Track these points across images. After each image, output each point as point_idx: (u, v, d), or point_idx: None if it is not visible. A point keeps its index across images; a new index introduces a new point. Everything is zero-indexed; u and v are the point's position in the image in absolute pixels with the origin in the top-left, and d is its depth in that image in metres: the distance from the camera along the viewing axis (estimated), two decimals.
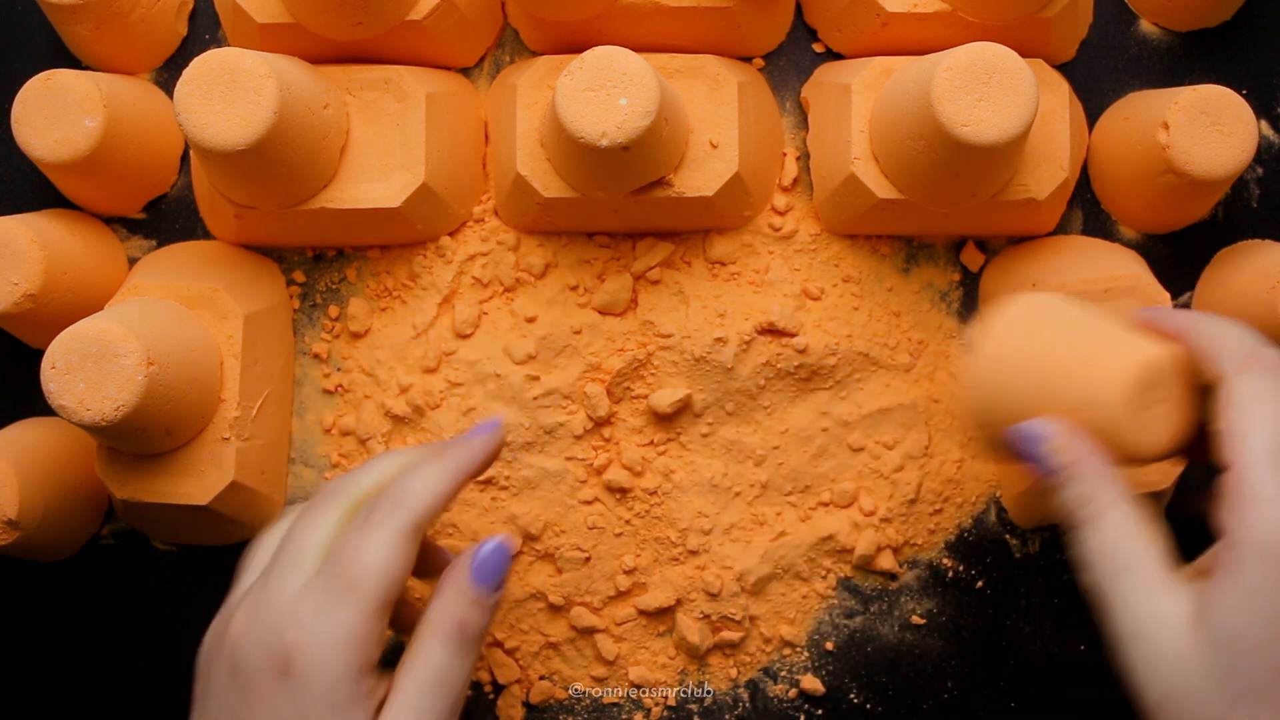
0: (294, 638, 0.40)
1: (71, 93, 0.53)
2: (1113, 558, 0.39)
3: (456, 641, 0.42)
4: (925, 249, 0.59)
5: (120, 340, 0.48)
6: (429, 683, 0.41)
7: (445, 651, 0.42)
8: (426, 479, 0.44)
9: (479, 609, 0.43)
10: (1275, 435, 0.38)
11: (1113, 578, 0.39)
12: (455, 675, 0.42)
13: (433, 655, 0.41)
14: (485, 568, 0.43)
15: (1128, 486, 0.41)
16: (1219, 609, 0.37)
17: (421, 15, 0.54)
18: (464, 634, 0.42)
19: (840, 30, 0.58)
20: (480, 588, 0.43)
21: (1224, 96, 0.52)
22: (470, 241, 0.58)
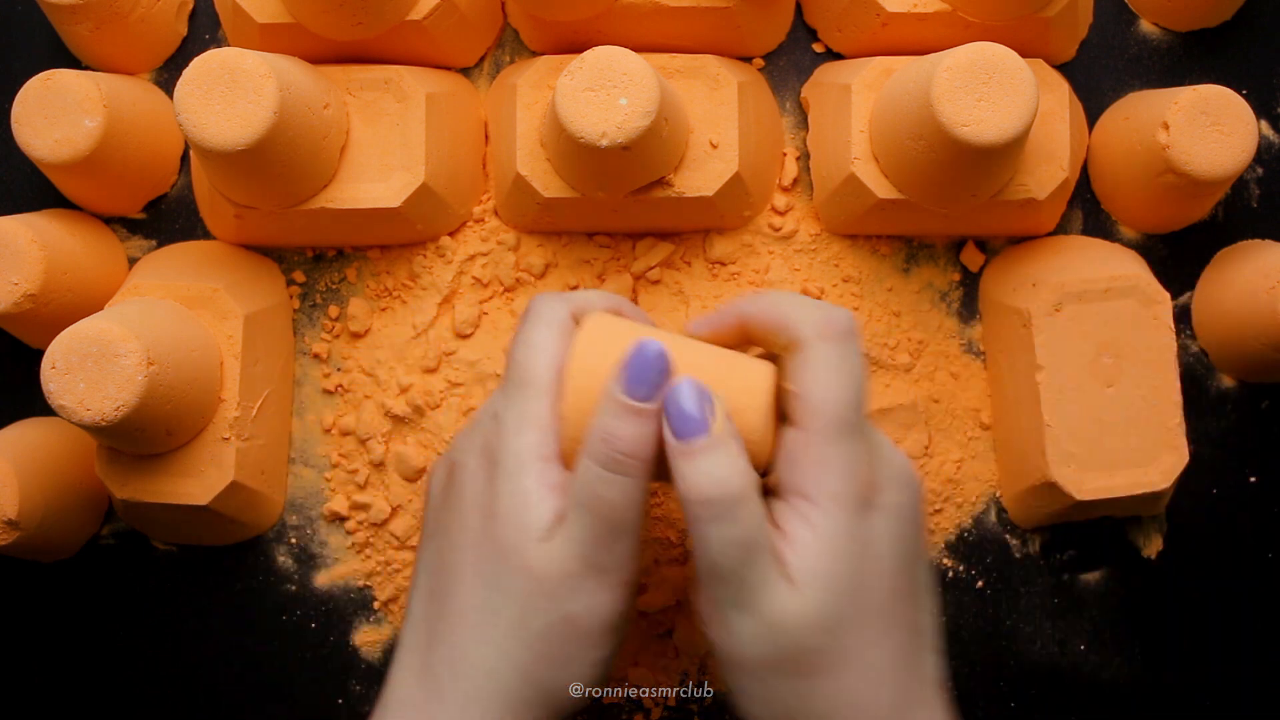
0: (489, 430, 0.43)
1: (71, 93, 0.53)
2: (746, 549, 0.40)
3: (604, 457, 0.40)
4: (925, 249, 0.59)
5: (120, 340, 0.48)
6: (581, 503, 0.41)
7: (594, 469, 0.41)
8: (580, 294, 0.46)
9: (630, 418, 0.41)
10: (845, 401, 0.41)
11: (742, 568, 0.40)
12: (608, 495, 0.40)
13: (585, 475, 0.41)
14: (633, 371, 0.41)
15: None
16: (808, 559, 0.40)
17: (421, 15, 0.54)
18: (611, 446, 0.40)
19: (840, 30, 0.58)
20: (628, 393, 0.41)
21: (1224, 96, 0.52)
22: (470, 241, 0.58)
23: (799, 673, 0.41)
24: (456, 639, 0.43)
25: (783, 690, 0.41)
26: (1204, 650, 0.59)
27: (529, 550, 0.41)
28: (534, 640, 0.42)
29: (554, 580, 0.41)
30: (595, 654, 0.42)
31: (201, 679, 0.59)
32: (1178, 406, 0.54)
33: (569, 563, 0.41)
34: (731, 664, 0.42)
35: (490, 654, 0.42)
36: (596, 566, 0.41)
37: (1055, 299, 0.54)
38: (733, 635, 0.41)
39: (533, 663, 0.42)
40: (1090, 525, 0.58)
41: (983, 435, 0.59)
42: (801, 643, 0.41)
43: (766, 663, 0.41)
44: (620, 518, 0.41)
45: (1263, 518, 0.59)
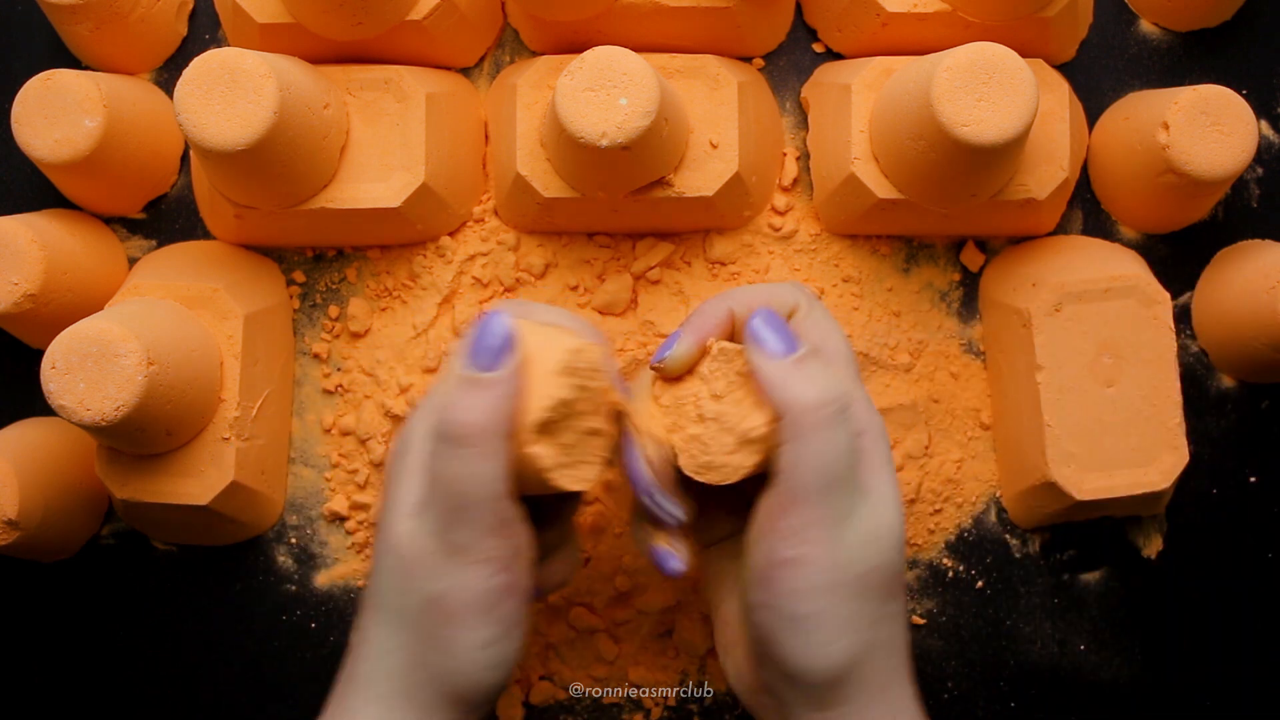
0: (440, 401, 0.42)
1: (71, 93, 0.53)
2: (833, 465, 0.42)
3: (443, 431, 0.40)
4: (925, 249, 0.59)
5: (120, 340, 0.48)
6: (431, 480, 0.41)
7: (436, 444, 0.40)
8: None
9: (471, 390, 0.40)
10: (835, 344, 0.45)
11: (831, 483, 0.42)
12: (450, 470, 0.40)
13: (432, 450, 0.41)
14: (477, 342, 0.41)
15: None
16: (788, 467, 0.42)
17: (421, 15, 0.54)
18: (450, 419, 0.40)
19: (840, 30, 0.58)
20: (472, 363, 0.41)
21: (1224, 96, 0.52)
22: (470, 241, 0.58)
23: (888, 591, 0.42)
24: (361, 620, 0.43)
25: (871, 610, 0.42)
26: (1204, 650, 0.59)
27: (397, 527, 0.42)
28: (411, 622, 0.41)
29: (413, 559, 0.41)
30: (473, 636, 0.41)
31: (201, 679, 0.59)
32: (1178, 406, 0.54)
33: (426, 540, 0.41)
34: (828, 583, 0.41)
35: (383, 634, 0.42)
36: (451, 545, 0.40)
37: (1055, 299, 0.54)
38: (840, 548, 0.41)
39: (415, 644, 0.41)
40: (1090, 525, 0.58)
41: (983, 435, 0.59)
42: (893, 557, 0.42)
43: (866, 575, 0.42)
44: (465, 493, 0.40)
45: (1263, 518, 0.59)
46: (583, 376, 0.43)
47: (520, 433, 0.42)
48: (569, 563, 0.48)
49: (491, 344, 0.41)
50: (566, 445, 0.43)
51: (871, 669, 0.42)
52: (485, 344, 0.41)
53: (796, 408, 0.41)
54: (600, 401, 0.44)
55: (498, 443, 0.40)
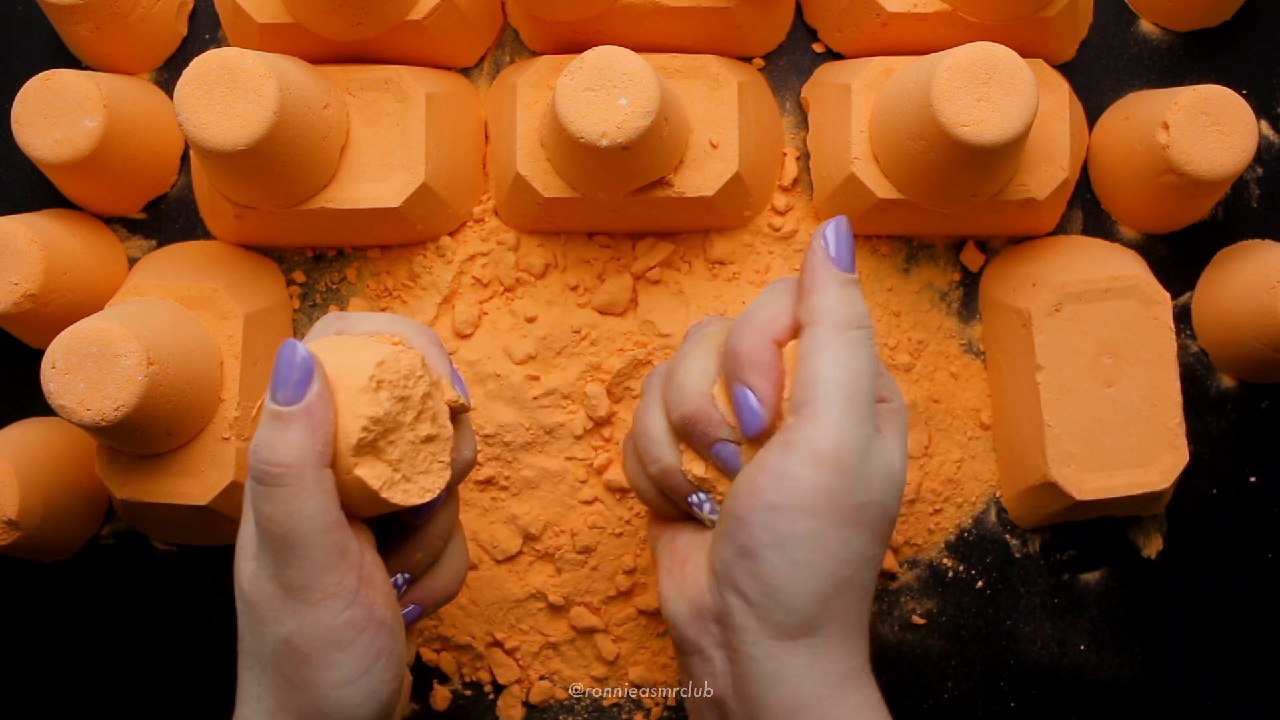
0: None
1: (71, 93, 0.53)
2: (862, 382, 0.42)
3: (256, 470, 0.39)
4: (925, 249, 0.59)
5: (120, 340, 0.48)
6: (253, 519, 0.39)
7: (250, 485, 0.39)
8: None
9: (278, 425, 0.38)
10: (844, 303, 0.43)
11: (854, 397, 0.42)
12: (267, 509, 0.38)
13: (248, 488, 0.40)
14: (277, 374, 0.39)
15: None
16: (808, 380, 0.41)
17: (421, 15, 0.54)
18: (259, 458, 0.38)
19: (840, 30, 0.58)
20: (274, 398, 0.39)
21: (1224, 96, 0.52)
22: (470, 241, 0.58)
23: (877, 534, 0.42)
24: (238, 669, 0.42)
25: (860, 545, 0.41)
26: (1204, 650, 0.59)
27: (241, 571, 0.40)
28: (269, 666, 0.40)
29: (257, 602, 0.40)
30: (333, 674, 0.39)
31: (201, 679, 0.59)
32: (1178, 406, 0.54)
33: (265, 583, 0.39)
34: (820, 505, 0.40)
35: (249, 678, 0.41)
36: (289, 586, 0.39)
37: (1055, 299, 0.54)
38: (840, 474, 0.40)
39: (279, 687, 0.40)
40: (1090, 525, 0.58)
41: (983, 435, 0.59)
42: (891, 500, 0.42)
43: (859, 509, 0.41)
44: (290, 532, 0.38)
45: (1263, 518, 0.59)
46: (397, 387, 0.41)
47: (340, 458, 0.40)
48: (455, 570, 0.47)
49: (289, 375, 0.39)
50: (396, 460, 0.41)
51: (844, 607, 0.41)
52: (283, 376, 0.39)
53: (830, 319, 0.42)
54: (428, 406, 0.42)
55: (315, 475, 0.38)
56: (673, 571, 0.45)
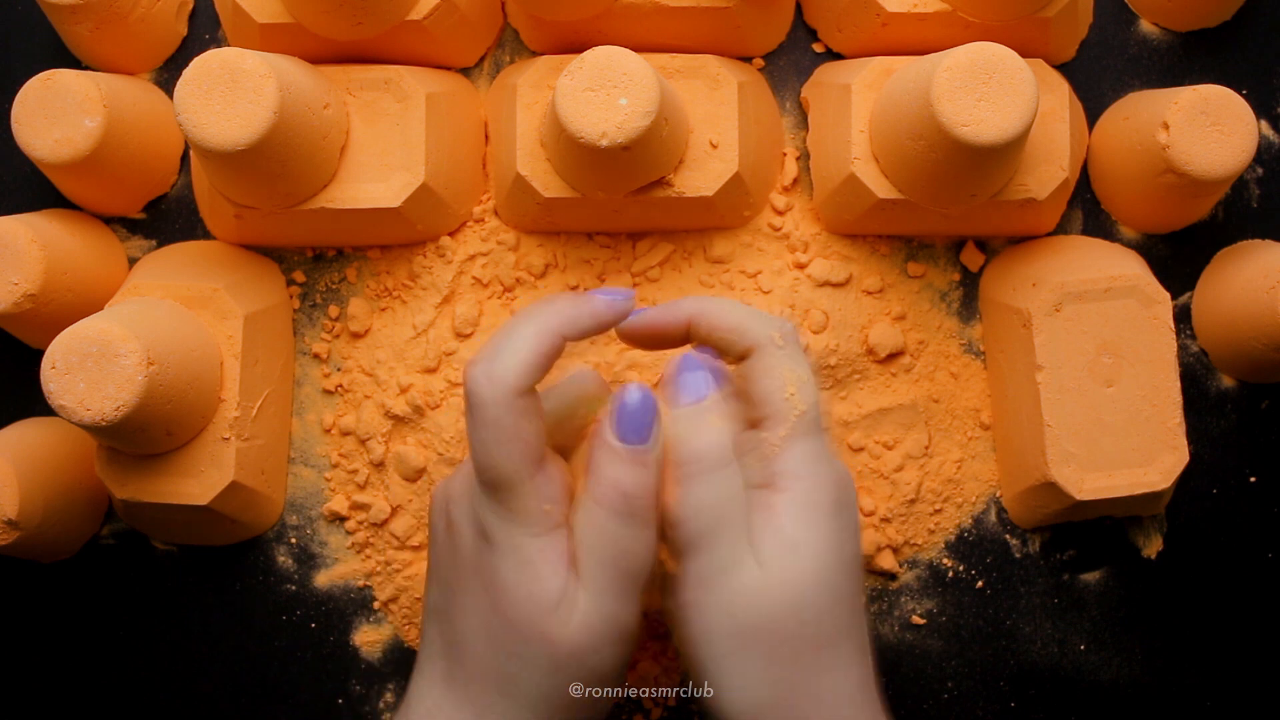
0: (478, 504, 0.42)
1: (71, 93, 0.53)
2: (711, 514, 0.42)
3: (621, 508, 0.41)
4: (925, 249, 0.59)
5: (120, 340, 0.48)
6: (601, 559, 0.41)
7: (615, 521, 0.41)
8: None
9: (635, 467, 0.41)
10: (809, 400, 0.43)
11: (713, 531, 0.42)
12: (631, 544, 0.41)
13: (605, 528, 0.41)
14: (628, 421, 0.41)
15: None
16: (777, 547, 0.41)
17: (421, 15, 0.54)
18: (627, 498, 0.41)
19: (840, 30, 0.58)
20: (629, 443, 0.41)
21: (1224, 96, 0.52)
22: (470, 241, 0.58)
23: (794, 650, 0.41)
24: (477, 690, 0.43)
25: (772, 668, 0.41)
26: (1204, 650, 0.59)
27: (545, 624, 0.41)
28: (561, 701, 0.42)
29: (579, 647, 0.41)
30: (609, 685, 0.43)
31: (201, 679, 0.59)
32: (1178, 406, 0.54)
33: (594, 626, 0.41)
34: (721, 634, 0.41)
35: (513, 708, 0.42)
36: (618, 623, 0.42)
37: (1055, 299, 0.54)
38: (725, 599, 0.41)
39: (560, 710, 0.42)
40: (1090, 525, 0.58)
41: (983, 435, 0.59)
42: (791, 615, 0.41)
43: (758, 631, 0.41)
44: (640, 567, 0.41)
45: (1263, 518, 0.59)
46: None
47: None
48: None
49: (642, 420, 0.42)
50: None
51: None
52: (637, 420, 0.42)
53: (678, 456, 0.42)
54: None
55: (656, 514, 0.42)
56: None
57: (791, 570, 0.41)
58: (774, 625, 0.41)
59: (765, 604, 0.41)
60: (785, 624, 0.41)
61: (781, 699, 0.41)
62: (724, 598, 0.41)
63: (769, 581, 0.41)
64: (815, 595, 0.41)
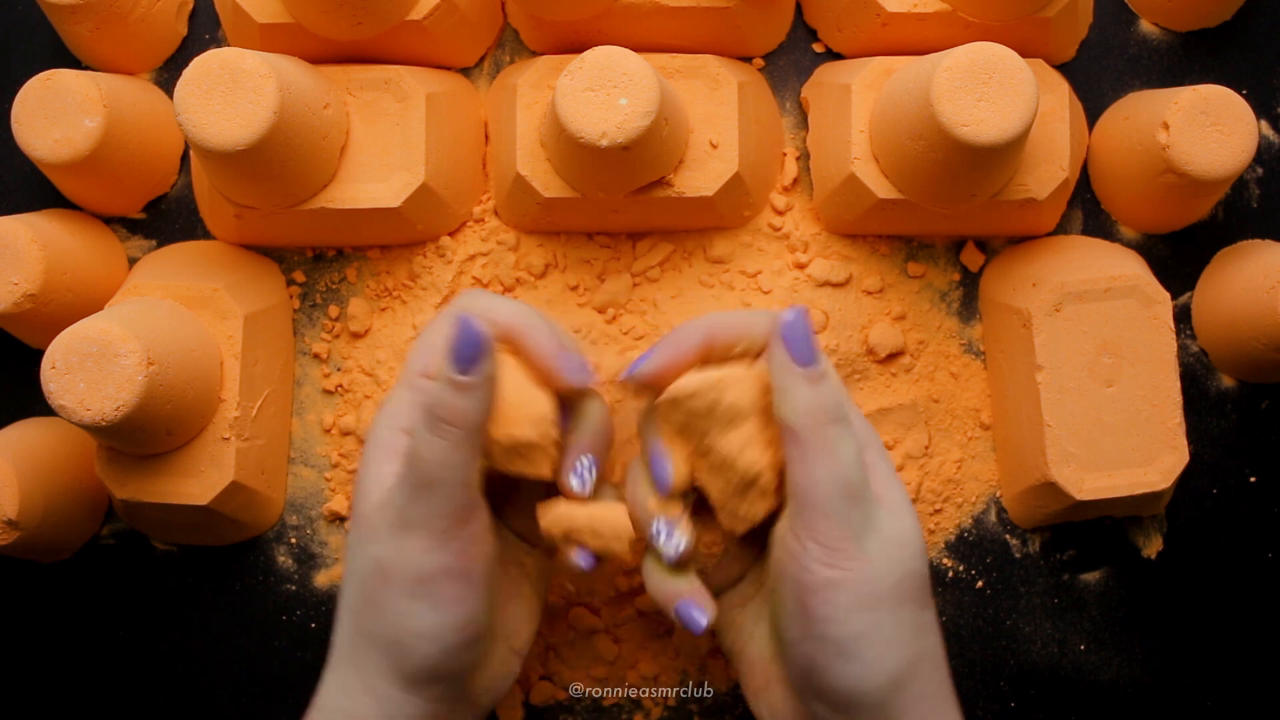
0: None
1: (71, 93, 0.53)
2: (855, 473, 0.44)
3: (428, 422, 0.43)
4: (925, 249, 0.59)
5: (120, 340, 0.48)
6: (406, 460, 0.44)
7: (419, 432, 0.43)
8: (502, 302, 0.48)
9: (453, 390, 0.43)
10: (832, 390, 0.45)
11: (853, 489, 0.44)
12: (425, 454, 0.43)
13: (413, 437, 0.44)
14: (458, 348, 0.43)
15: None
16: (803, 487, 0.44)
17: (421, 15, 0.54)
18: (435, 414, 0.43)
19: (840, 30, 0.58)
20: (454, 368, 0.43)
21: (1224, 96, 0.52)
22: (470, 241, 0.58)
23: (922, 600, 0.44)
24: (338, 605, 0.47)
25: (910, 619, 0.43)
26: (1204, 650, 0.59)
27: (367, 499, 0.45)
28: (358, 585, 0.45)
29: (373, 525, 0.44)
30: (412, 605, 0.44)
31: (201, 679, 0.59)
32: (1178, 406, 0.54)
33: (387, 510, 0.44)
34: (866, 598, 0.43)
35: (341, 607, 0.46)
36: (405, 518, 0.43)
37: (1055, 299, 0.54)
38: (870, 561, 0.43)
39: (360, 608, 0.44)
40: (1090, 525, 0.58)
41: (983, 435, 0.59)
42: (919, 563, 0.44)
43: (899, 585, 0.43)
44: (432, 475, 0.43)
45: (1263, 518, 0.59)
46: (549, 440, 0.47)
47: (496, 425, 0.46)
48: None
49: (469, 353, 0.43)
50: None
51: (920, 682, 0.43)
52: (461, 351, 0.43)
53: (806, 424, 0.43)
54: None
55: (471, 439, 0.43)
56: (762, 695, 0.48)
57: (911, 517, 0.45)
58: (920, 568, 0.44)
59: (915, 547, 0.44)
60: (919, 572, 0.44)
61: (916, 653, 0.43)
62: (880, 544, 0.43)
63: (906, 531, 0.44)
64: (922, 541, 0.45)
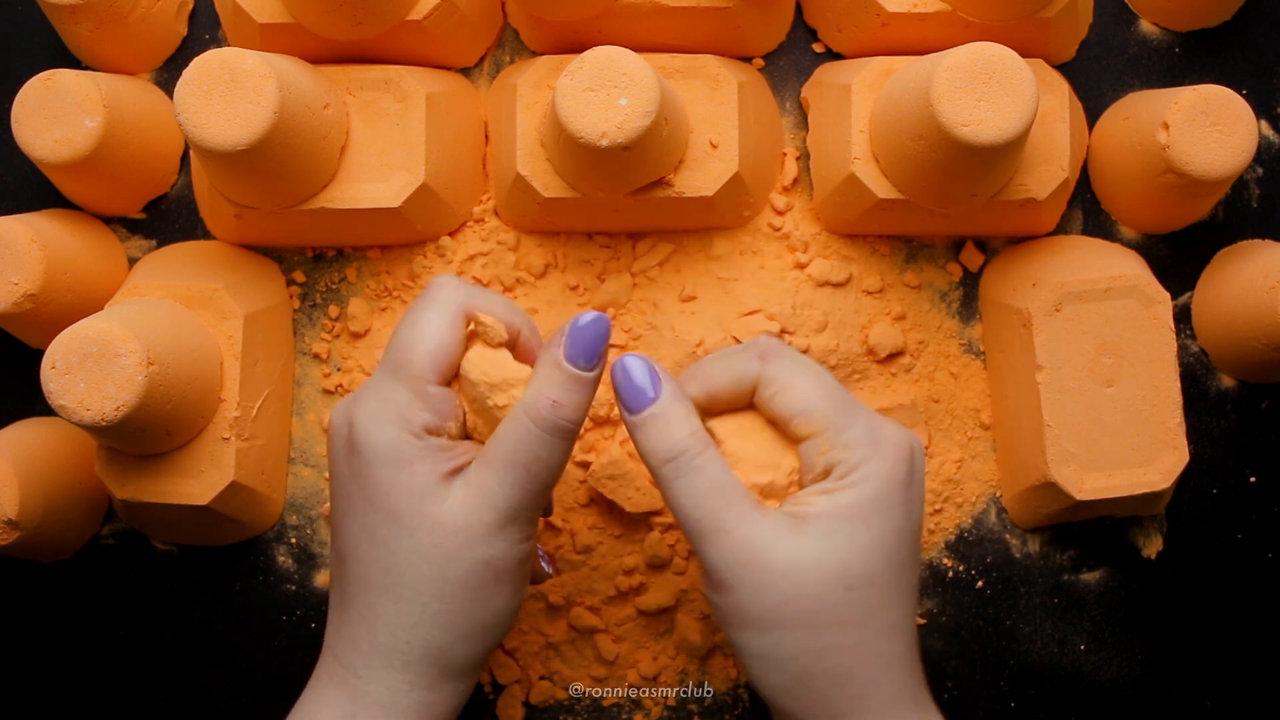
0: (351, 413, 0.44)
1: (71, 93, 0.53)
2: (719, 495, 0.43)
3: (548, 416, 0.42)
4: (925, 249, 0.59)
5: (120, 340, 0.48)
6: (519, 461, 0.43)
7: (537, 428, 0.43)
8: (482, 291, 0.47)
9: (574, 386, 0.43)
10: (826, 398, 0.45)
11: (720, 511, 0.43)
12: (543, 451, 0.43)
13: (527, 432, 0.43)
14: (580, 342, 0.43)
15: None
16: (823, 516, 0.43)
17: (421, 15, 0.54)
18: (556, 412, 0.42)
19: (840, 30, 0.58)
20: (574, 363, 0.43)
21: (1224, 96, 0.52)
22: (470, 241, 0.58)
23: (816, 624, 0.42)
24: (362, 599, 0.44)
25: (795, 642, 0.42)
26: (1204, 650, 0.59)
27: (425, 507, 0.43)
28: (454, 588, 0.43)
29: (464, 527, 0.43)
30: (507, 590, 0.44)
31: (201, 679, 0.59)
32: (1178, 406, 0.54)
33: (485, 514, 0.43)
34: (738, 621, 0.43)
35: (399, 607, 0.43)
36: (515, 518, 0.43)
37: (1055, 299, 0.54)
38: (735, 590, 0.43)
39: (456, 611, 0.43)
40: (1090, 525, 0.58)
41: (983, 435, 0.59)
42: (813, 590, 0.42)
43: (773, 611, 0.42)
44: (550, 475, 0.43)
45: (1263, 518, 0.59)
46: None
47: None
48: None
49: (593, 344, 0.44)
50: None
51: (815, 695, 0.43)
52: (587, 343, 0.43)
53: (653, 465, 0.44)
54: None
55: (578, 432, 0.44)
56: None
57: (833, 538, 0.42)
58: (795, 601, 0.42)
59: (791, 584, 0.42)
60: (807, 599, 0.42)
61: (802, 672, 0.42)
62: (753, 574, 0.42)
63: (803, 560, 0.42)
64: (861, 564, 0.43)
